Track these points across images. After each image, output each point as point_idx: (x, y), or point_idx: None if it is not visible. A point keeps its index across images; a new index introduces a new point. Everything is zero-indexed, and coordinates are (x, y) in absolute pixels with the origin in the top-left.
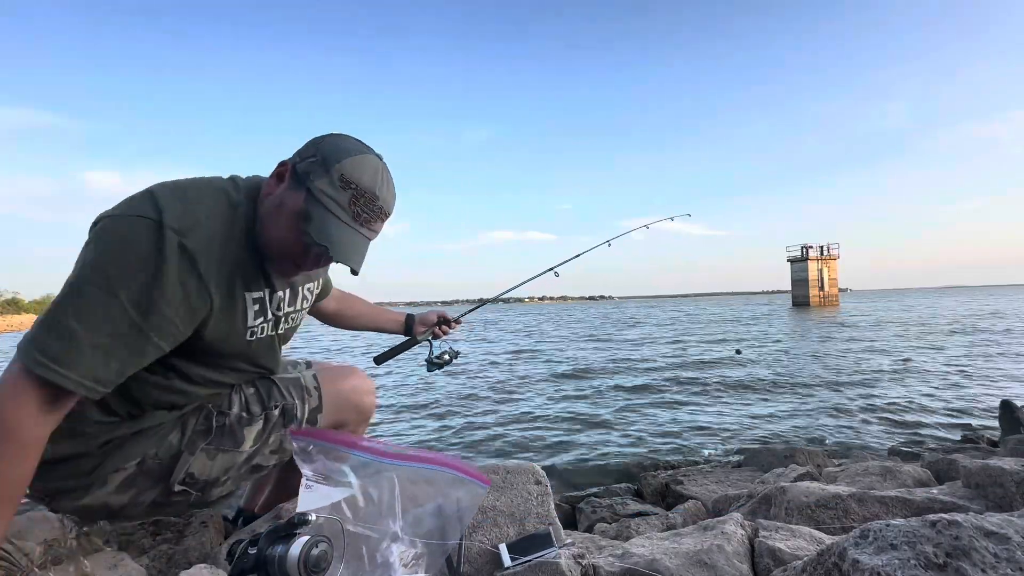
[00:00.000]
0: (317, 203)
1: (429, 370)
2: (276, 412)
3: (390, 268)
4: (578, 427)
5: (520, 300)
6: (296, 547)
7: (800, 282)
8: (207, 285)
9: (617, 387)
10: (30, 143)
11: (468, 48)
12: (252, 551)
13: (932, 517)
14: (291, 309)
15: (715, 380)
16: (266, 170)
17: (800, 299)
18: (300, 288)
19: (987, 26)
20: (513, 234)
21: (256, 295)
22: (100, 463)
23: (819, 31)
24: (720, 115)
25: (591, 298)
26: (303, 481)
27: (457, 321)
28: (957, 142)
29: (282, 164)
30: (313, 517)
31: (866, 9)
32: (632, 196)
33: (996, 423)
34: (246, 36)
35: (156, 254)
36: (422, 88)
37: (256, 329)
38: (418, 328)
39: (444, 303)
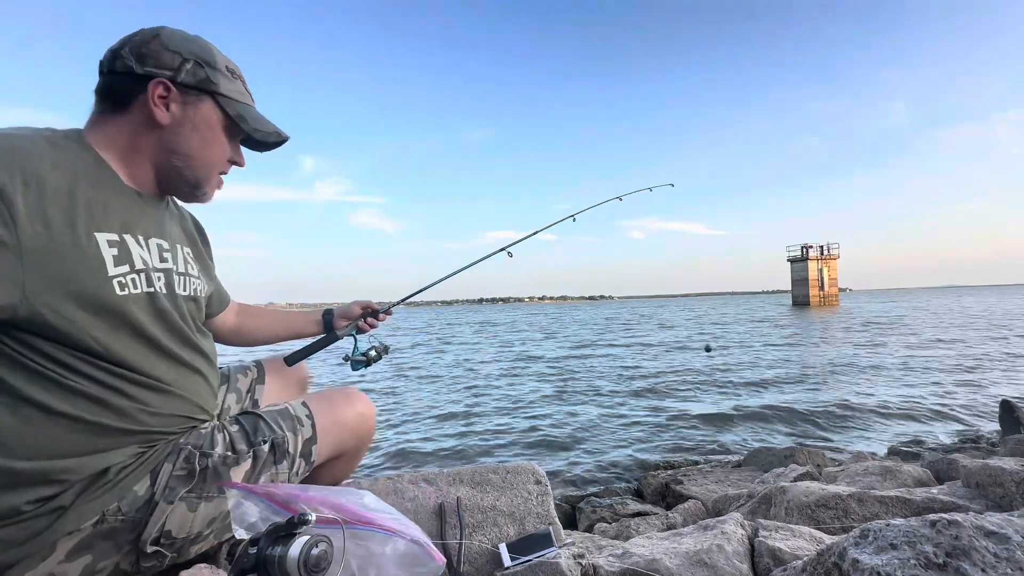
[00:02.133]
0: (234, 102)
1: (354, 368)
2: (265, 447)
3: (390, 268)
4: (578, 427)
5: (520, 300)
6: (296, 547)
7: (800, 282)
8: (11, 208)
9: (618, 387)
10: None
11: (469, 48)
12: (252, 551)
13: (932, 517)
14: (171, 267)
15: (715, 380)
16: (274, 166)
17: (800, 299)
18: (178, 248)
19: (987, 26)
20: (514, 234)
21: (110, 236)
22: (46, 527)
23: (819, 31)
24: (720, 115)
25: (591, 298)
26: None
27: (387, 312)
28: (957, 142)
29: (159, 84)
30: (313, 517)
31: (867, 9)
32: (632, 196)
33: (996, 423)
34: (246, 34)
35: None
36: (422, 88)
37: (124, 281)
38: (339, 323)
39: (444, 303)
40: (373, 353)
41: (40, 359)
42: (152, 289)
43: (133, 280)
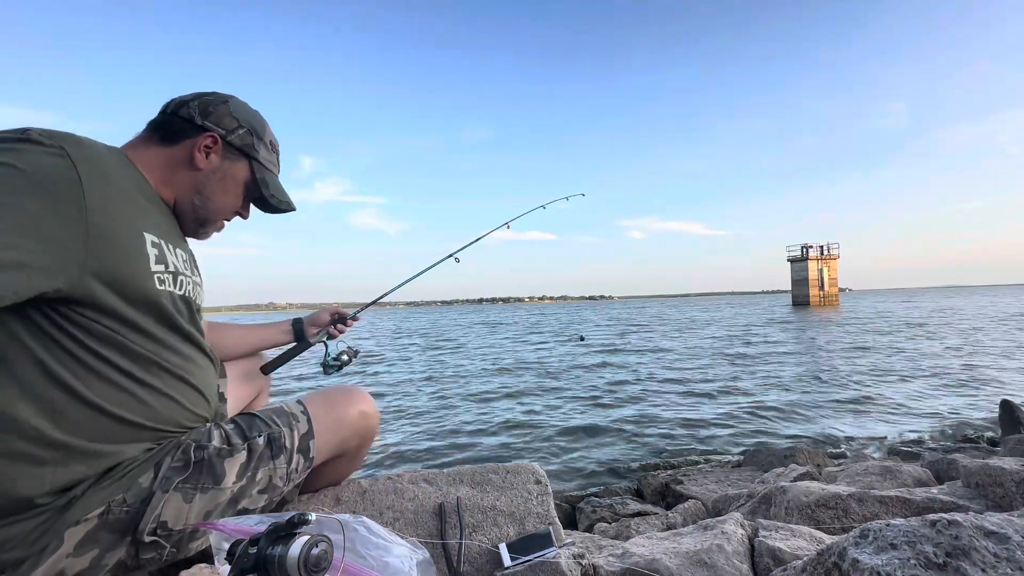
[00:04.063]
0: (265, 170)
1: (327, 373)
2: (260, 441)
3: (390, 268)
4: (578, 427)
5: (520, 300)
6: (296, 547)
7: (800, 282)
8: (86, 192)
9: (617, 388)
10: None
11: (469, 47)
12: (252, 551)
13: (932, 517)
14: (194, 276)
15: (715, 380)
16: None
17: (800, 299)
18: (191, 262)
19: (987, 26)
20: (514, 234)
21: (152, 238)
22: (57, 517)
23: (819, 31)
24: (720, 115)
25: (591, 298)
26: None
27: (353, 318)
28: (958, 142)
29: (209, 137)
30: (313, 517)
31: (867, 9)
32: (632, 196)
33: (996, 423)
34: (246, 34)
35: (27, 150)
36: (422, 87)
37: (162, 277)
38: (309, 330)
39: (444, 303)
40: (345, 358)
41: (74, 343)
42: (180, 291)
43: (167, 279)
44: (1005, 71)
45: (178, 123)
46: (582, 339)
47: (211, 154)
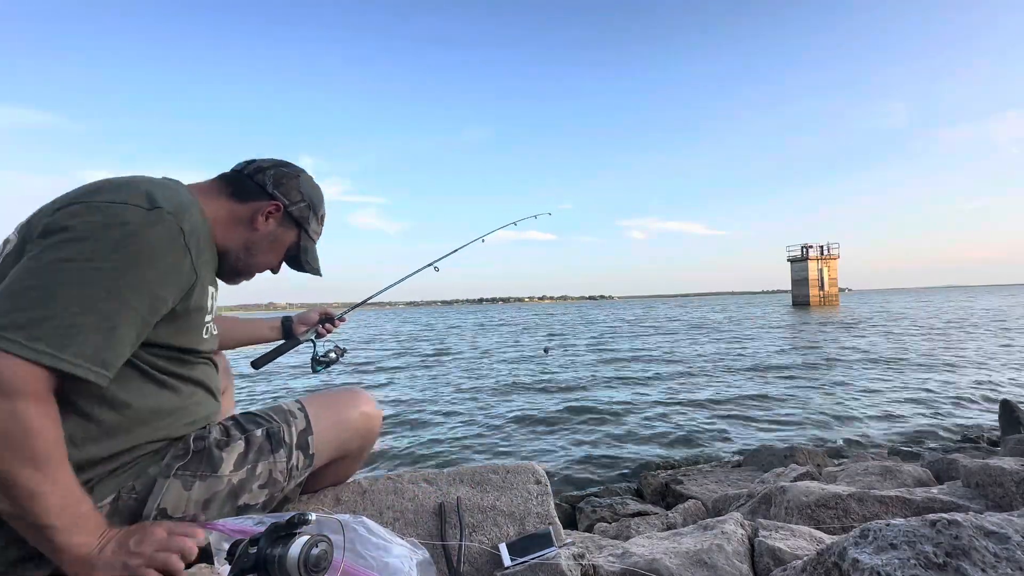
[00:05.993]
0: (310, 240)
1: (315, 370)
2: (259, 433)
3: (390, 268)
4: (578, 427)
5: (520, 300)
6: (296, 547)
7: (800, 282)
8: (196, 267)
9: (617, 387)
10: (30, 143)
11: (468, 46)
12: (252, 551)
13: (932, 517)
14: (216, 307)
15: (715, 380)
16: None
17: (800, 299)
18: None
19: (987, 26)
20: (514, 234)
21: (212, 290)
22: None
23: (819, 31)
24: (720, 115)
25: (591, 298)
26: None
27: (341, 319)
28: (958, 142)
29: (274, 205)
30: (313, 517)
31: (866, 9)
32: (632, 196)
33: (996, 423)
34: (245, 35)
35: (159, 235)
36: (422, 86)
37: (208, 326)
38: (298, 328)
39: (444, 302)
40: (333, 356)
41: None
42: (211, 334)
43: (210, 326)
44: (1005, 71)
45: (252, 186)
46: (546, 351)
47: (270, 219)
